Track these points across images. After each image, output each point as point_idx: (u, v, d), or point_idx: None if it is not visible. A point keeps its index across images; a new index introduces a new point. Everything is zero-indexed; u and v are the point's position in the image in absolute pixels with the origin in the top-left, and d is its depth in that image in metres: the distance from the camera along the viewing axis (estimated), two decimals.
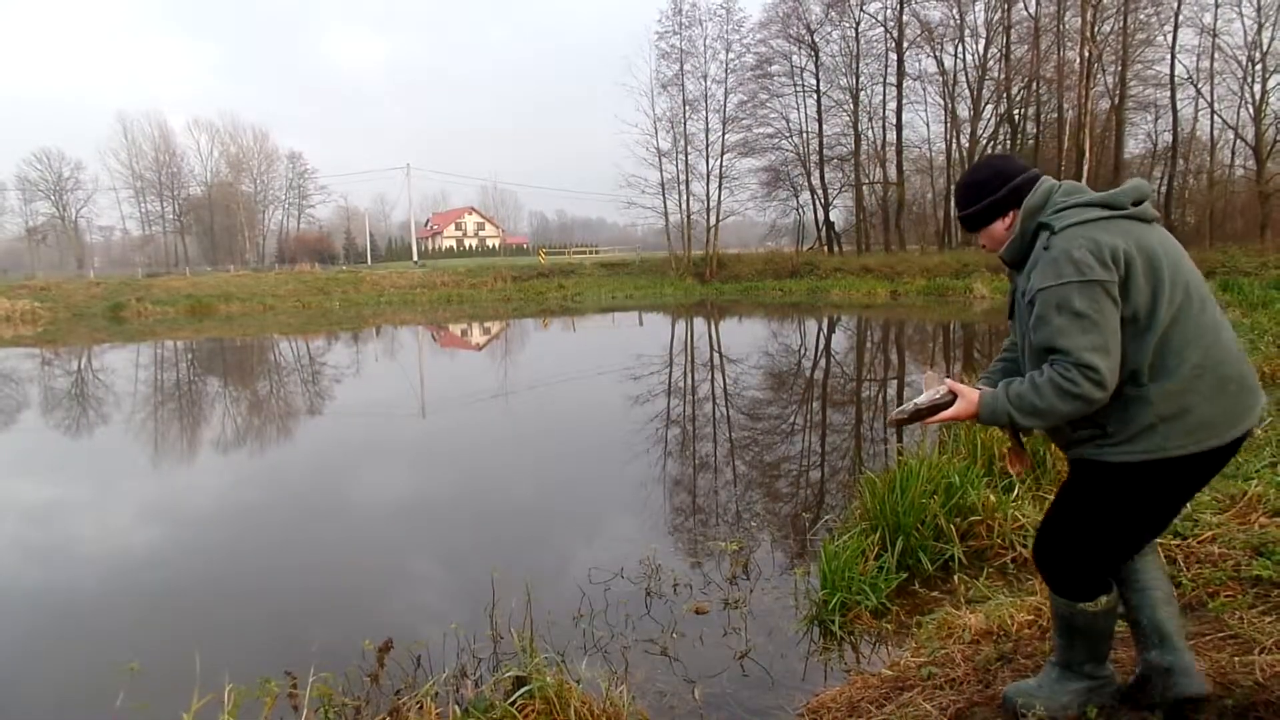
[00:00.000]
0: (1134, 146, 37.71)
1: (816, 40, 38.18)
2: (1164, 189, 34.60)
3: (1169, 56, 32.50)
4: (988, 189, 2.03)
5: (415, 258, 56.59)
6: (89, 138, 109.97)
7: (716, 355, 15.73)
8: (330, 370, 15.55)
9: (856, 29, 37.44)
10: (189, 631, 4.00)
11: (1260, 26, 30.98)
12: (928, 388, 2.08)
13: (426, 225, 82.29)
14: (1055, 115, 35.75)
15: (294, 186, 67.74)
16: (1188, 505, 3.69)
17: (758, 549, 4.76)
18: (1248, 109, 32.29)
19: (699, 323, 23.40)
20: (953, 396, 2.01)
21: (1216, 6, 31.27)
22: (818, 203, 40.63)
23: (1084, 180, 31.70)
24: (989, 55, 37.04)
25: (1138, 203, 1.89)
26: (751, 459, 7.28)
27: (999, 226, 2.04)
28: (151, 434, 9.74)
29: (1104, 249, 1.77)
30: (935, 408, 2.02)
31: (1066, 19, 33.88)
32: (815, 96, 39.03)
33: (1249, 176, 32.97)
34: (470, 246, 77.42)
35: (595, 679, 2.82)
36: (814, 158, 39.72)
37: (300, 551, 5.39)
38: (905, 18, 36.67)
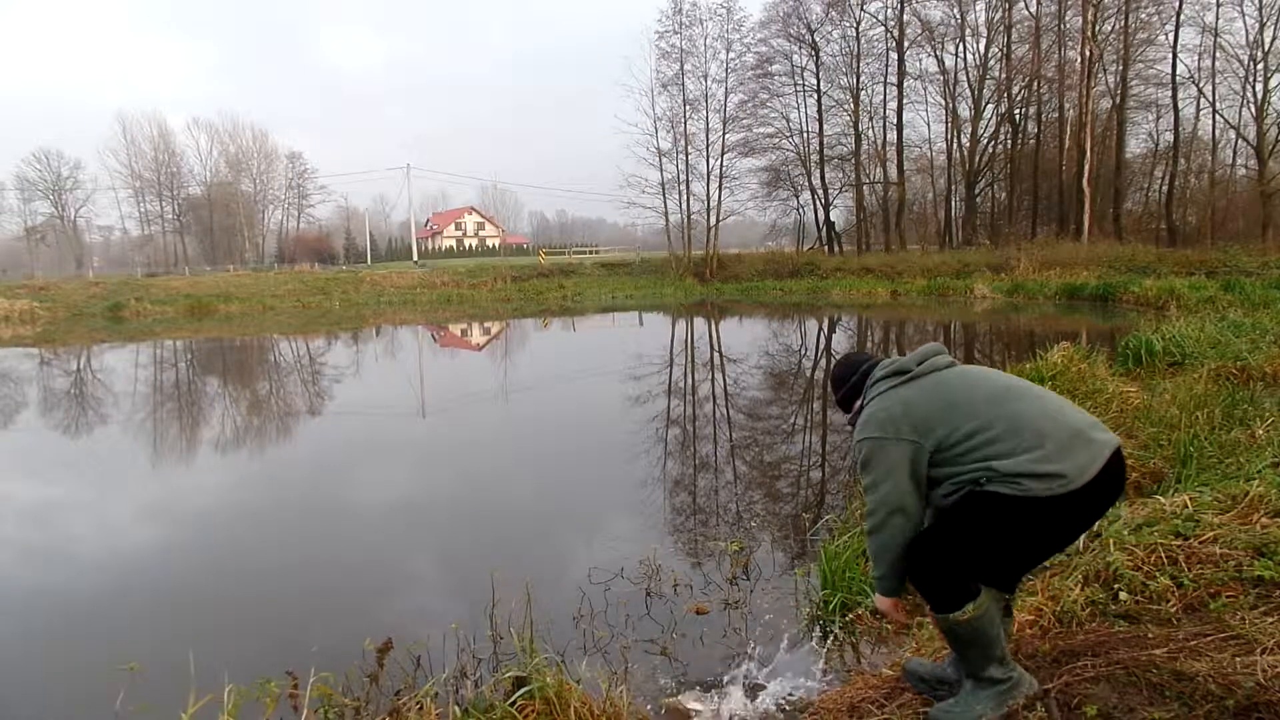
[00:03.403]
0: (1135, 146, 37.78)
1: (817, 40, 38.20)
2: (1165, 189, 34.62)
3: (1170, 55, 32.46)
4: (847, 380, 2.61)
5: (415, 258, 56.58)
6: (88, 138, 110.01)
7: (717, 355, 15.73)
8: (330, 370, 15.54)
9: (857, 28, 37.47)
10: (189, 631, 4.00)
11: (1262, 25, 30.95)
12: None
13: (426, 225, 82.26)
14: (1056, 115, 35.77)
15: (294, 186, 67.75)
16: (1189, 506, 3.70)
17: (758, 549, 4.76)
18: (1249, 108, 32.26)
19: (699, 323, 23.39)
20: None
21: (1218, 5, 31.26)
22: (818, 203, 40.65)
23: (1084, 180, 31.78)
24: (990, 54, 37.10)
25: (922, 362, 2.42)
26: (752, 459, 7.28)
27: (858, 404, 2.57)
28: (150, 434, 9.74)
29: (886, 412, 2.35)
30: None
31: (1067, 18, 33.93)
32: (816, 96, 39.07)
33: (1250, 176, 32.94)
34: (470, 246, 77.36)
35: (595, 679, 2.82)
36: (814, 157, 39.73)
37: (300, 551, 5.39)
38: (906, 17, 36.72)
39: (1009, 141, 37.81)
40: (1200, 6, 31.52)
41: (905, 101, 38.06)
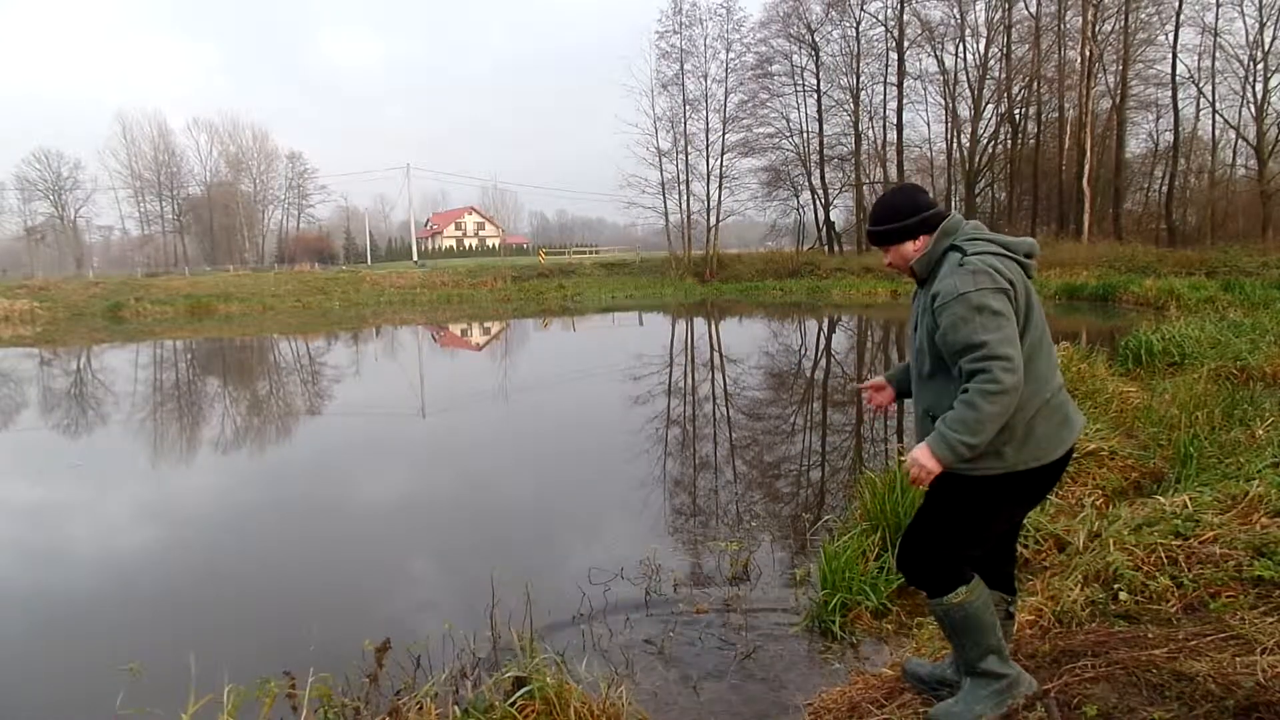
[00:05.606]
0: (1135, 146, 37.79)
1: (817, 40, 38.22)
2: (1165, 189, 34.62)
3: (1170, 56, 32.51)
4: (903, 213, 2.31)
5: (415, 258, 56.58)
6: (88, 138, 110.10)
7: (717, 355, 15.72)
8: (330, 370, 15.54)
9: (857, 28, 37.48)
10: (188, 632, 4.00)
11: (1262, 26, 31.01)
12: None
13: (426, 225, 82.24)
14: (1056, 115, 35.75)
15: (293, 186, 67.72)
16: (1189, 506, 3.70)
17: (758, 549, 4.76)
18: (1249, 108, 32.32)
19: (699, 323, 23.38)
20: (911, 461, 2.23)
21: (1218, 5, 31.31)
22: (818, 202, 40.67)
23: (1084, 180, 31.75)
24: (990, 54, 37.06)
25: (1028, 255, 2.27)
26: (751, 459, 7.28)
27: (909, 247, 2.33)
28: (150, 434, 9.73)
29: (1009, 271, 2.17)
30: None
31: (1067, 18, 33.92)
32: (816, 96, 39.10)
33: (1250, 176, 32.95)
34: (470, 246, 77.33)
35: (595, 679, 2.82)
36: (814, 157, 39.78)
37: (300, 551, 5.39)
38: (906, 17, 36.72)
39: (1009, 141, 37.81)
40: (1200, 6, 31.61)
41: (905, 101, 38.13)
